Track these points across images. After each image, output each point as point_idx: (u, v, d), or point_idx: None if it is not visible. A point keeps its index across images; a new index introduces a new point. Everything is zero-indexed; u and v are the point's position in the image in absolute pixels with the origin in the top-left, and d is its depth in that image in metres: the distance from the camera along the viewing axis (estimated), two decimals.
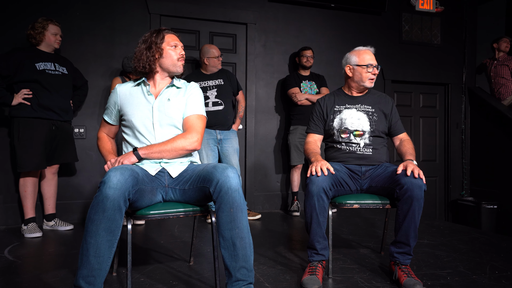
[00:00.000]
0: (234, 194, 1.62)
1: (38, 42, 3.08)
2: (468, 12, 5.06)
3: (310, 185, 1.98)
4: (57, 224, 3.22)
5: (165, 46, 1.97)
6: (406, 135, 2.35)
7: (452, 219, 4.99)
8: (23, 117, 2.97)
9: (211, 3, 4.02)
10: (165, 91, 1.98)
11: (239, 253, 1.61)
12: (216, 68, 3.58)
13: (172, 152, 1.86)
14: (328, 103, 2.36)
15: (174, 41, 2.00)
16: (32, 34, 3.05)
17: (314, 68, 4.18)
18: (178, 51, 2.00)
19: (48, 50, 3.13)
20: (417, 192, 1.91)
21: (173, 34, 2.03)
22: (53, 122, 3.08)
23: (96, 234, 1.51)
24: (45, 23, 3.07)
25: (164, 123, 1.92)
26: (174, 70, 2.00)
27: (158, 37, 1.98)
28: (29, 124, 2.97)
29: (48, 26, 3.08)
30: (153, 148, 1.85)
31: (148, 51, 1.95)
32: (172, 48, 1.98)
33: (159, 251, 2.57)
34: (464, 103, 5.09)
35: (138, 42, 2.02)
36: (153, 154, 1.85)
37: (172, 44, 1.99)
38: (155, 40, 1.96)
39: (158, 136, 1.91)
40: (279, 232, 3.20)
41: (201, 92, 2.06)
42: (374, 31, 4.63)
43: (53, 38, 3.11)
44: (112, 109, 2.03)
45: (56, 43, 3.14)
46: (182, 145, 1.86)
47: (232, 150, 3.56)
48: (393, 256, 2.04)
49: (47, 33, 3.08)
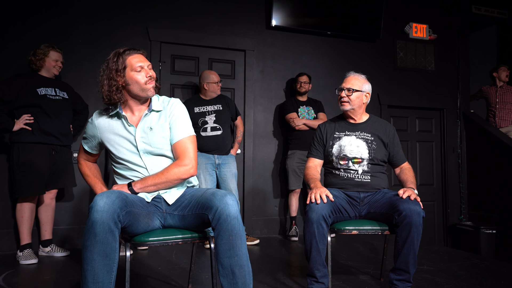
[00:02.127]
0: (233, 221, 1.60)
1: (38, 68, 3.12)
2: (461, 39, 5.19)
3: (310, 213, 1.98)
4: (53, 250, 3.17)
5: (128, 71, 1.78)
6: (407, 164, 2.36)
7: (451, 243, 4.96)
8: (23, 142, 2.97)
9: (211, 30, 4.11)
10: (144, 120, 1.84)
11: (238, 281, 1.59)
12: (215, 93, 3.64)
13: (168, 183, 1.79)
14: (328, 129, 2.38)
15: (139, 62, 1.79)
16: (33, 60, 3.10)
17: (311, 94, 4.25)
18: (144, 73, 1.79)
19: (48, 75, 3.16)
20: (415, 218, 1.92)
21: (136, 54, 1.81)
22: (53, 147, 3.09)
23: (91, 260, 1.49)
24: (47, 49, 3.11)
25: (151, 153, 1.83)
26: (144, 95, 1.81)
27: (118, 62, 1.77)
28: (29, 149, 2.98)
29: (50, 53, 3.12)
30: (148, 182, 1.78)
31: (109, 80, 1.76)
32: (137, 72, 1.78)
33: (156, 277, 2.54)
34: (460, 127, 5.15)
35: (101, 68, 1.81)
36: (149, 188, 1.78)
37: (137, 68, 1.78)
38: (115, 67, 1.76)
39: (149, 166, 1.83)
40: (278, 257, 3.17)
41: (183, 107, 1.91)
42: (369, 58, 4.73)
43: (53, 64, 3.14)
44: (92, 140, 1.93)
45: (55, 69, 3.16)
46: (177, 175, 1.78)
47: (230, 175, 3.57)
48: (393, 283, 2.03)
49: (48, 59, 3.11)
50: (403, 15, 4.92)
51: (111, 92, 1.76)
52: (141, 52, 1.84)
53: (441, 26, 5.10)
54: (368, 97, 2.36)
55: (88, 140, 1.95)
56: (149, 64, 1.83)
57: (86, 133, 1.95)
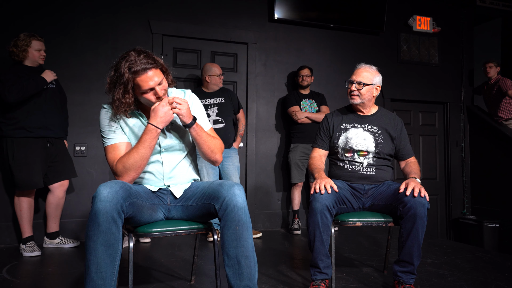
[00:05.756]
0: (240, 212, 1.60)
1: (21, 59, 2.96)
2: (465, 32, 5.15)
3: (314, 203, 1.97)
4: (63, 242, 3.18)
5: (137, 92, 1.69)
6: (414, 159, 2.31)
7: (454, 237, 4.95)
8: (18, 137, 2.90)
9: (213, 23, 4.09)
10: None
11: (244, 271, 1.59)
12: (217, 86, 3.62)
13: (211, 147, 1.81)
14: (335, 120, 2.34)
15: (149, 82, 1.65)
16: (15, 51, 2.92)
17: (314, 87, 4.23)
18: (152, 95, 1.69)
19: (33, 65, 3.02)
20: (420, 210, 1.90)
21: (148, 72, 1.64)
22: (48, 139, 3.04)
23: (94, 250, 1.49)
24: (28, 40, 2.93)
25: (172, 149, 1.83)
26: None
27: (125, 80, 1.64)
28: (23, 143, 2.91)
29: (32, 43, 2.94)
30: (204, 133, 1.79)
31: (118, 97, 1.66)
32: (146, 94, 1.68)
33: (159, 270, 2.54)
34: (463, 121, 5.12)
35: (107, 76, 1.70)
36: (202, 135, 1.78)
37: (147, 90, 1.67)
38: (123, 88, 1.66)
39: (165, 162, 1.83)
40: (281, 250, 3.16)
41: (198, 99, 1.93)
42: (372, 51, 4.70)
43: (37, 54, 2.98)
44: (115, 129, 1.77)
45: (40, 58, 3.01)
46: (218, 154, 1.84)
47: (233, 168, 3.56)
48: (397, 275, 2.02)
49: (31, 49, 2.94)
50: (407, 8, 4.88)
51: (120, 108, 1.69)
52: (152, 66, 1.66)
53: (445, 19, 5.06)
54: (379, 90, 2.30)
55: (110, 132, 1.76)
56: (161, 79, 1.69)
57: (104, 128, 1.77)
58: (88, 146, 3.62)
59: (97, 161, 3.63)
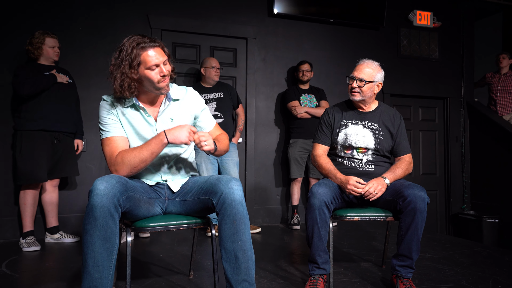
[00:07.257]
0: (238, 206, 1.60)
1: (37, 56, 3.09)
2: (465, 27, 5.13)
3: (312, 198, 1.97)
4: (63, 237, 3.20)
5: (142, 69, 1.67)
6: (408, 157, 2.23)
7: (453, 232, 4.96)
8: (26, 130, 2.97)
9: (212, 18, 4.07)
10: (164, 110, 1.81)
11: (241, 266, 1.59)
12: (213, 79, 3.60)
13: (224, 149, 1.88)
14: (336, 115, 2.31)
15: (155, 60, 1.66)
16: (31, 49, 3.06)
17: (313, 82, 4.21)
18: (157, 72, 1.68)
19: (48, 63, 3.14)
20: (420, 204, 1.90)
21: (153, 49, 1.66)
22: (55, 135, 3.08)
23: (91, 244, 1.49)
24: (42, 37, 3.07)
25: (170, 144, 1.74)
26: (157, 93, 1.75)
27: (132, 56, 1.64)
28: (31, 137, 2.98)
29: (46, 40, 3.08)
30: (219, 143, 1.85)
31: (121, 75, 1.65)
32: (152, 70, 1.67)
33: (158, 264, 2.54)
34: (463, 116, 5.11)
35: (112, 57, 1.69)
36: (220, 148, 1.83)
37: (152, 66, 1.66)
38: (128, 62, 1.65)
39: (164, 158, 1.83)
40: (280, 245, 3.17)
41: (199, 96, 1.94)
42: (372, 46, 4.67)
43: (51, 51, 3.11)
44: (114, 122, 1.76)
45: (55, 55, 3.15)
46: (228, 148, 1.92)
47: (232, 163, 3.56)
48: (395, 269, 2.02)
49: (45, 46, 3.08)
50: (407, 2, 4.85)
51: (123, 88, 1.66)
52: (158, 45, 1.69)
53: (446, 14, 5.03)
54: (380, 87, 2.25)
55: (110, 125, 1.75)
56: (165, 59, 1.70)
57: (103, 120, 1.75)
58: (88, 141, 3.61)
59: (96, 156, 3.63)
